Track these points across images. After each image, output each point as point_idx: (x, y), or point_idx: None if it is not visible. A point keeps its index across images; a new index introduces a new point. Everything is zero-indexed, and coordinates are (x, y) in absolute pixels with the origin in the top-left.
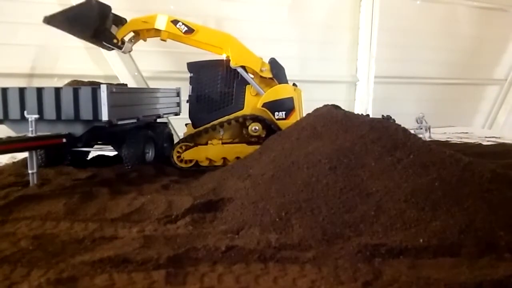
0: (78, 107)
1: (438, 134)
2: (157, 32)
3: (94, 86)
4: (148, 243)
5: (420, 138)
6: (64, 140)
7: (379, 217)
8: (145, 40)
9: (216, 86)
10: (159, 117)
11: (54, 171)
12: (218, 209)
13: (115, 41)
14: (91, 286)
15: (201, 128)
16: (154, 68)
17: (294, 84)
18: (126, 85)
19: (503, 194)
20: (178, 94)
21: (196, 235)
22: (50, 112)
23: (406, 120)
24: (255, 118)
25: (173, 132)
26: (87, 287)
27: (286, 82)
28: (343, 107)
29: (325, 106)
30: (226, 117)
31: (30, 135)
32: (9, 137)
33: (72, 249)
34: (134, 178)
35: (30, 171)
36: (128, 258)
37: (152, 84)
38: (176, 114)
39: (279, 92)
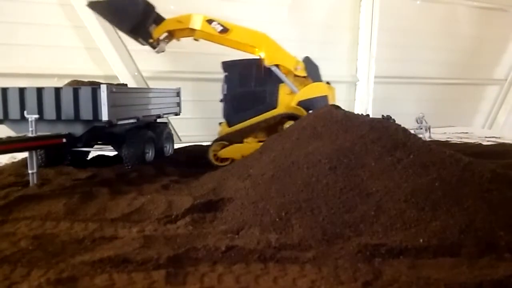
0: (78, 107)
1: (438, 134)
2: (191, 32)
3: (94, 86)
4: (148, 243)
5: (420, 138)
6: (64, 140)
7: (379, 217)
8: (178, 40)
9: (250, 85)
10: (159, 117)
11: (54, 171)
12: (218, 209)
13: (151, 40)
14: (91, 286)
15: (237, 127)
16: (154, 68)
17: (327, 83)
18: (126, 85)
19: (503, 194)
20: (178, 94)
21: (196, 235)
22: (50, 112)
23: (406, 120)
24: (291, 117)
25: (173, 132)
26: (87, 287)
27: (320, 80)
28: (343, 107)
29: (326, 106)
30: (263, 116)
31: (30, 135)
32: (9, 137)
33: (72, 249)
34: (134, 178)
35: (30, 171)
36: (128, 258)
37: (152, 84)
38: (176, 114)
39: (313, 90)
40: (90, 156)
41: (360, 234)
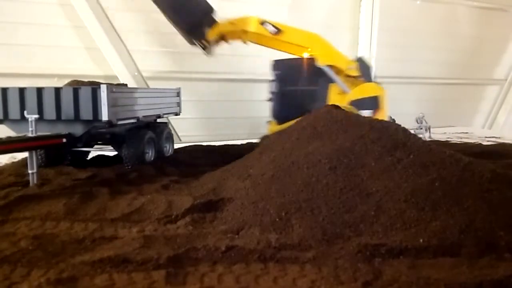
0: (78, 107)
1: (438, 134)
2: (243, 34)
3: (94, 86)
4: (148, 243)
5: (420, 138)
6: (64, 140)
7: (379, 217)
8: (228, 43)
9: (300, 83)
10: (159, 117)
11: (54, 171)
12: (218, 209)
13: (204, 41)
14: (91, 286)
15: (286, 125)
16: (154, 68)
17: (377, 83)
18: (126, 85)
19: (503, 194)
20: (178, 94)
21: (196, 235)
22: (50, 112)
23: (406, 120)
24: None
25: (173, 132)
26: (87, 287)
27: (372, 80)
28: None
29: (325, 106)
30: None
31: (30, 135)
32: (9, 137)
33: (72, 249)
34: (134, 178)
35: (30, 171)
36: (128, 258)
37: (152, 84)
38: (176, 114)
39: (366, 90)
40: (90, 156)
41: (360, 234)
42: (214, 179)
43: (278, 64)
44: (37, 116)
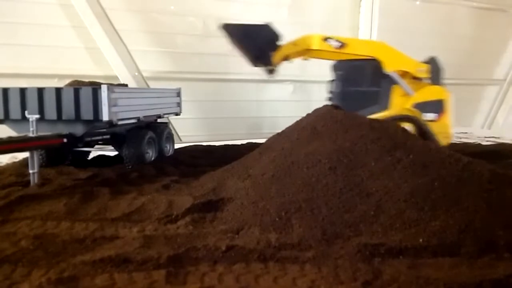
0: (78, 107)
1: None
2: (306, 52)
3: (95, 87)
4: (148, 242)
5: (420, 138)
6: (64, 140)
7: (378, 217)
8: (291, 62)
9: (363, 85)
10: (160, 117)
11: (55, 171)
12: (218, 209)
13: (271, 67)
14: (92, 286)
15: None
16: (154, 68)
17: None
18: (126, 85)
19: (502, 194)
20: (178, 94)
21: (196, 235)
22: (51, 112)
23: None
24: (408, 119)
25: (173, 132)
26: (88, 286)
27: (440, 83)
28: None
29: (325, 106)
30: (376, 116)
31: (31, 135)
32: (10, 137)
33: (73, 248)
34: (134, 178)
35: (30, 171)
36: (129, 257)
37: (152, 84)
38: (177, 114)
39: (431, 93)
40: (91, 156)
41: (360, 234)
42: (214, 179)
43: (340, 65)
44: (38, 116)
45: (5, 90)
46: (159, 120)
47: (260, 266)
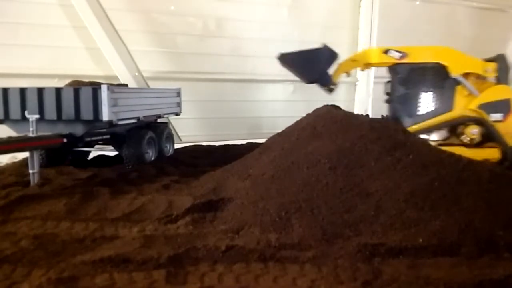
0: (78, 107)
1: None
2: (366, 66)
3: (95, 87)
4: (148, 242)
5: (420, 138)
6: (64, 140)
7: (378, 217)
8: (348, 75)
9: (425, 87)
10: (160, 117)
11: (55, 171)
12: (218, 209)
13: (331, 86)
14: (92, 286)
15: (413, 129)
16: (154, 68)
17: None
18: (126, 85)
19: (502, 194)
20: (178, 94)
21: (196, 235)
22: (50, 112)
23: None
24: (475, 120)
25: (173, 132)
26: (87, 286)
27: (507, 82)
28: (343, 108)
29: (325, 106)
30: (441, 118)
31: (30, 135)
32: (10, 137)
33: (73, 248)
34: (134, 178)
35: (30, 171)
36: (129, 257)
37: (152, 84)
38: (177, 114)
39: (497, 93)
40: (91, 156)
41: (360, 234)
42: (214, 179)
43: (400, 68)
44: (37, 116)
45: (5, 90)
46: (159, 120)
47: (260, 266)
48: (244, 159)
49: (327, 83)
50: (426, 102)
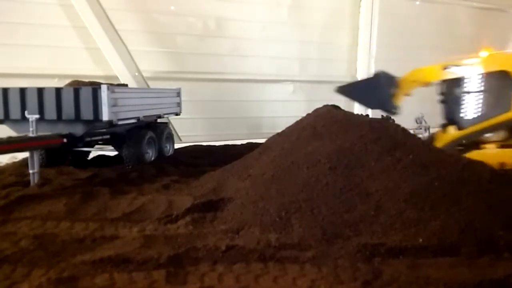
0: (78, 107)
1: None
2: (426, 84)
3: (95, 87)
4: (148, 242)
5: (420, 138)
6: (64, 140)
7: (378, 217)
8: (409, 95)
9: (482, 87)
10: (160, 117)
11: (55, 171)
12: (218, 209)
13: (394, 110)
14: (92, 286)
15: (469, 130)
16: (154, 68)
17: None
18: (126, 85)
19: (502, 194)
20: (178, 94)
21: (196, 235)
22: (50, 112)
23: (405, 120)
24: None
25: (173, 132)
26: (87, 286)
27: None
28: (343, 107)
29: (325, 106)
30: (499, 119)
31: (30, 135)
32: (10, 137)
33: (73, 248)
34: (134, 178)
35: (30, 171)
36: (129, 257)
37: (152, 84)
38: (177, 114)
39: None
40: (91, 156)
41: (360, 234)
42: (214, 179)
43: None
44: (37, 116)
45: (5, 90)
46: (159, 120)
47: (260, 266)
48: (244, 159)
49: (390, 109)
50: (484, 103)
